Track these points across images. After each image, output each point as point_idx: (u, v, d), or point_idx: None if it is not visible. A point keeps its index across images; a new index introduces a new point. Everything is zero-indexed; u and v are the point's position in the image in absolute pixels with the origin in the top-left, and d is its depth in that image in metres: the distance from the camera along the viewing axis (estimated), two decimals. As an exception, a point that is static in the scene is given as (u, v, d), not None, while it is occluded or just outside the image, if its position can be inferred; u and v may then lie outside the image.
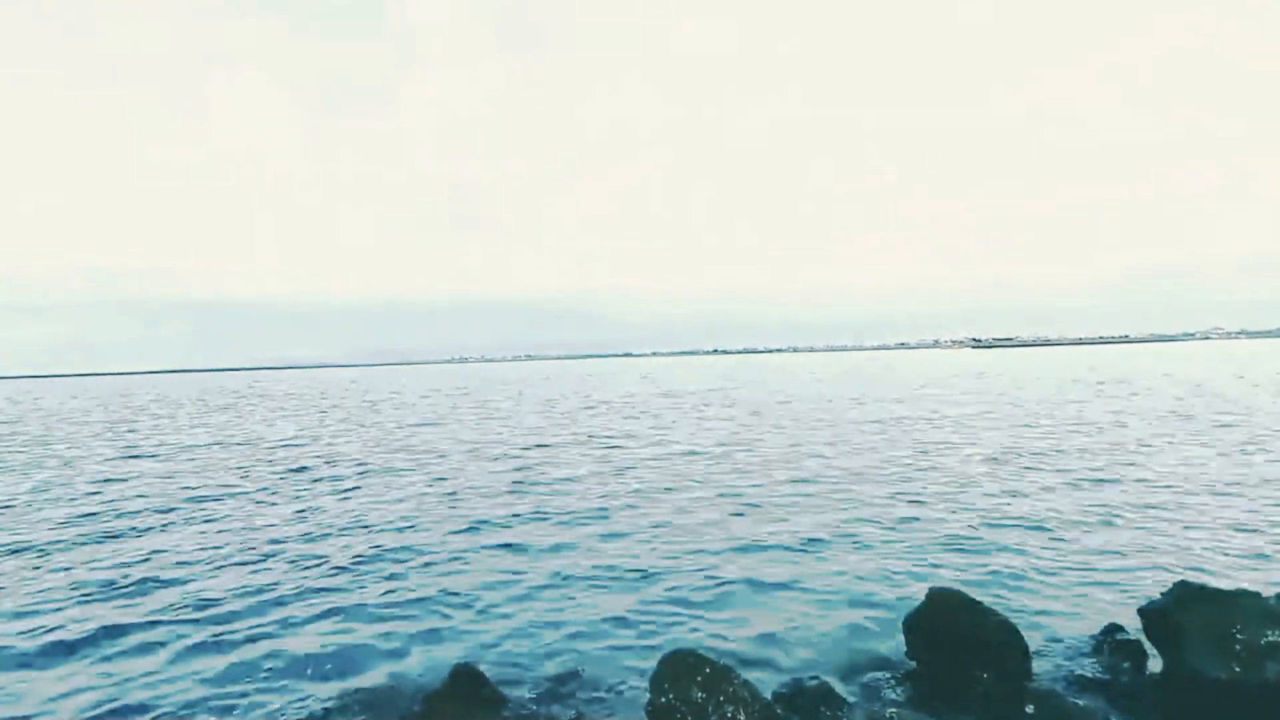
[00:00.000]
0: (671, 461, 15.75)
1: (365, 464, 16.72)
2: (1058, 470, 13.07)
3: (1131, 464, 13.42)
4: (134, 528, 10.71)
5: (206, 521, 11.05)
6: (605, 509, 11.11)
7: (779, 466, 14.50)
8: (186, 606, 7.23)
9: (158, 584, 7.95)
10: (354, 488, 13.59)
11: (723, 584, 7.46)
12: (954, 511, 10.19)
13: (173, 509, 11.98)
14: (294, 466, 16.65)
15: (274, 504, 12.29)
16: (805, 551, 8.53)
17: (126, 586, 7.89)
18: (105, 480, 15.21)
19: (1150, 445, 15.62)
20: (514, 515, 10.86)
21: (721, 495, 11.89)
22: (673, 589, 7.38)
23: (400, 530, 10.15)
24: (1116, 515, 9.68)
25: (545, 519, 10.59)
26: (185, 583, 7.98)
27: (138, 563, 8.78)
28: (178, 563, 8.77)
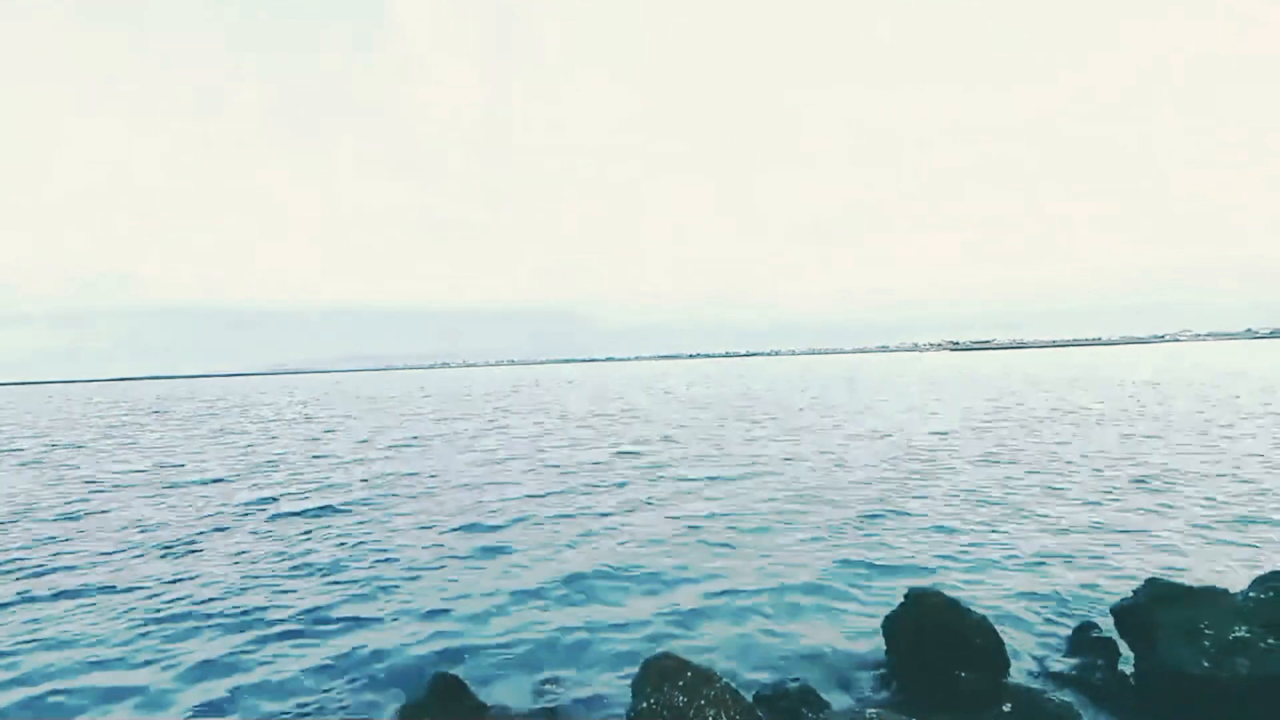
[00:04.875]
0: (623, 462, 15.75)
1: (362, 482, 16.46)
2: (1028, 470, 13.28)
3: (1100, 462, 13.69)
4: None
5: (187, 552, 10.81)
6: (592, 514, 11.08)
7: (764, 473, 14.57)
8: (165, 607, 7.08)
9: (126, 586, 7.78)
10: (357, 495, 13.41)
11: (703, 588, 7.45)
12: (930, 512, 10.31)
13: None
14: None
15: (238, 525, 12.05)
16: (785, 554, 8.56)
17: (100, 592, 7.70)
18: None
19: (1119, 444, 15.95)
20: (499, 520, 10.79)
21: (698, 501, 11.91)
22: (653, 593, 7.36)
23: (382, 538, 10.03)
24: (1090, 514, 9.85)
25: (526, 524, 10.53)
26: (159, 590, 7.82)
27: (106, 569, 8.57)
28: (149, 575, 8.58)
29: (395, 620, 6.87)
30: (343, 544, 9.68)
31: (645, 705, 4.31)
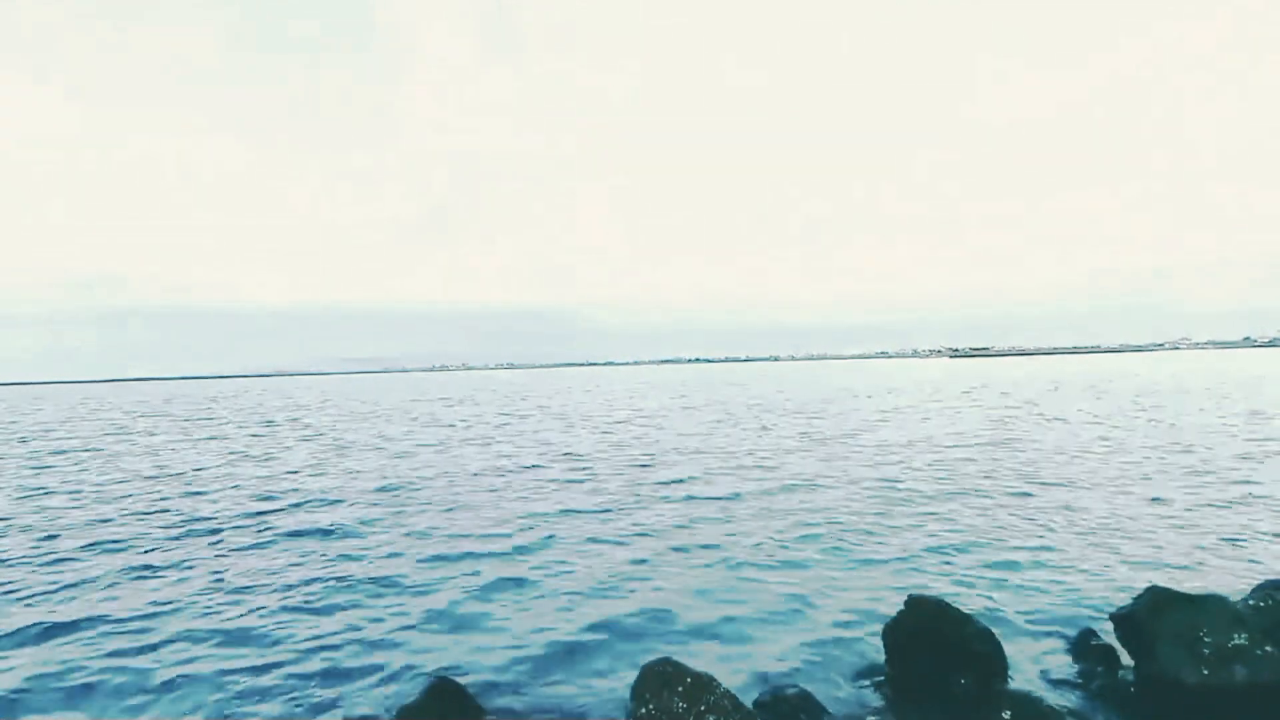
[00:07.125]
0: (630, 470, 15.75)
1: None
2: (1025, 477, 13.29)
3: (1095, 470, 13.70)
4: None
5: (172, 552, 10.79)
6: (592, 518, 11.07)
7: (760, 473, 14.57)
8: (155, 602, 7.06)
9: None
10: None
11: (701, 593, 7.45)
12: (928, 519, 10.31)
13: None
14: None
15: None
16: (784, 559, 8.55)
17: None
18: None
19: (1110, 450, 15.96)
20: (493, 522, 10.78)
21: (695, 506, 11.91)
22: (652, 599, 7.35)
23: (380, 538, 10.02)
24: (1085, 522, 9.86)
25: (528, 530, 10.52)
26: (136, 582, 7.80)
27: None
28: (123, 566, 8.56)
29: (394, 623, 6.86)
30: (351, 547, 9.68)
31: (644, 711, 4.31)
